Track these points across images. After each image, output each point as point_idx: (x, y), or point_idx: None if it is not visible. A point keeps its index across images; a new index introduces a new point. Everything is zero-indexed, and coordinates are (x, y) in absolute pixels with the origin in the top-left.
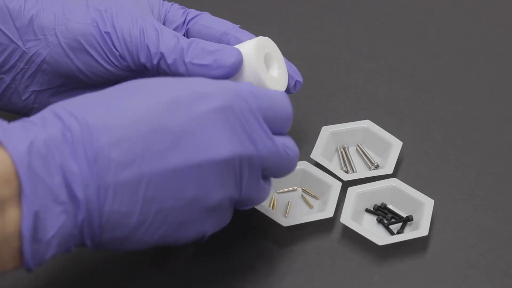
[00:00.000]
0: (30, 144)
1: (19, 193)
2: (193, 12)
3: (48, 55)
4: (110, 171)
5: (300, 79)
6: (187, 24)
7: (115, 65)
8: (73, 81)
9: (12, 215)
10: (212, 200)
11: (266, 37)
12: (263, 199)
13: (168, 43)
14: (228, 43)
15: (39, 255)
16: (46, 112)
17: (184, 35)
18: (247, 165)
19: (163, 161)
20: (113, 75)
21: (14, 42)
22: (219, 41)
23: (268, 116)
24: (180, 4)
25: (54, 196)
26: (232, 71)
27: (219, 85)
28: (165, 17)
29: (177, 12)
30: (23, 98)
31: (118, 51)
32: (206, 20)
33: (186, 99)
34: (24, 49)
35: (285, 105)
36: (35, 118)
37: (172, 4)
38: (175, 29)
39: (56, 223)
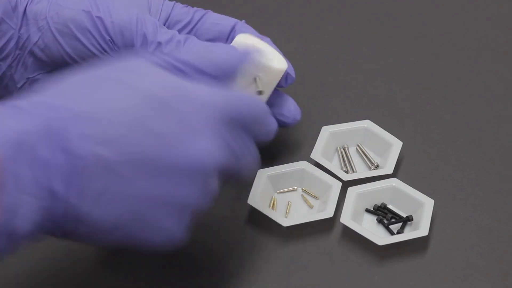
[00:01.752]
0: (3, 135)
1: None
2: (200, 11)
3: (39, 40)
4: (91, 176)
5: (293, 73)
6: (195, 23)
7: (104, 51)
8: (64, 67)
9: None
10: (178, 203)
11: (248, 35)
12: (207, 207)
13: (165, 35)
14: None
15: (12, 247)
16: (21, 101)
17: (191, 34)
18: (217, 173)
19: (141, 164)
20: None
21: (12, 28)
22: (228, 36)
23: (249, 125)
24: (176, 3)
25: (27, 188)
26: (228, 69)
27: (201, 86)
28: (168, 16)
29: (182, 11)
30: (19, 85)
31: (110, 36)
32: (214, 18)
33: (173, 101)
34: (19, 35)
35: (268, 120)
36: (8, 107)
37: (174, 3)
38: (182, 28)
39: (28, 214)
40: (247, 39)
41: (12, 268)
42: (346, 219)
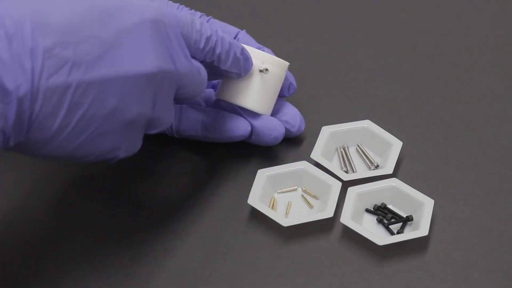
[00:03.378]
0: None
1: None
2: (204, 16)
3: None
4: (43, 73)
5: (294, 83)
6: None
7: None
8: None
9: None
10: (130, 113)
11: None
12: (170, 121)
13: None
14: None
15: None
16: None
17: None
18: (167, 82)
19: (92, 70)
20: None
21: None
22: None
23: (186, 35)
24: (180, 5)
25: None
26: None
27: (146, 1)
28: None
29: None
30: None
31: None
32: (217, 25)
33: (115, 11)
34: None
35: (202, 30)
36: None
37: (178, 6)
38: None
39: None
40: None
41: None
42: (346, 219)
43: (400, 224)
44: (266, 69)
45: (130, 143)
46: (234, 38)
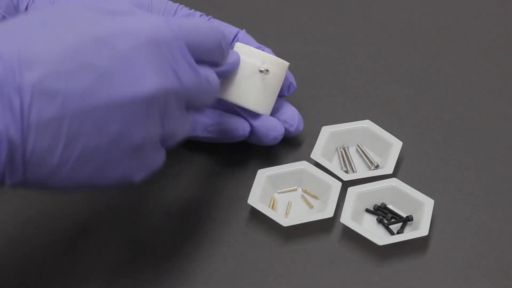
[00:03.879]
0: None
1: None
2: (204, 16)
3: None
4: (33, 108)
5: (294, 83)
6: None
7: None
8: None
9: None
10: (135, 138)
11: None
12: (186, 133)
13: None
14: None
15: None
16: None
17: None
18: (173, 99)
19: (86, 99)
20: None
21: None
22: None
23: (193, 43)
24: (180, 5)
25: None
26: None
27: (143, 18)
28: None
29: (185, 14)
30: None
31: None
32: (217, 25)
33: (110, 36)
34: None
35: (208, 28)
36: None
37: (178, 6)
38: None
39: None
40: (245, 48)
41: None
42: (346, 219)
43: (400, 224)
44: (267, 70)
45: (146, 164)
46: (234, 38)
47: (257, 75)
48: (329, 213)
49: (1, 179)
